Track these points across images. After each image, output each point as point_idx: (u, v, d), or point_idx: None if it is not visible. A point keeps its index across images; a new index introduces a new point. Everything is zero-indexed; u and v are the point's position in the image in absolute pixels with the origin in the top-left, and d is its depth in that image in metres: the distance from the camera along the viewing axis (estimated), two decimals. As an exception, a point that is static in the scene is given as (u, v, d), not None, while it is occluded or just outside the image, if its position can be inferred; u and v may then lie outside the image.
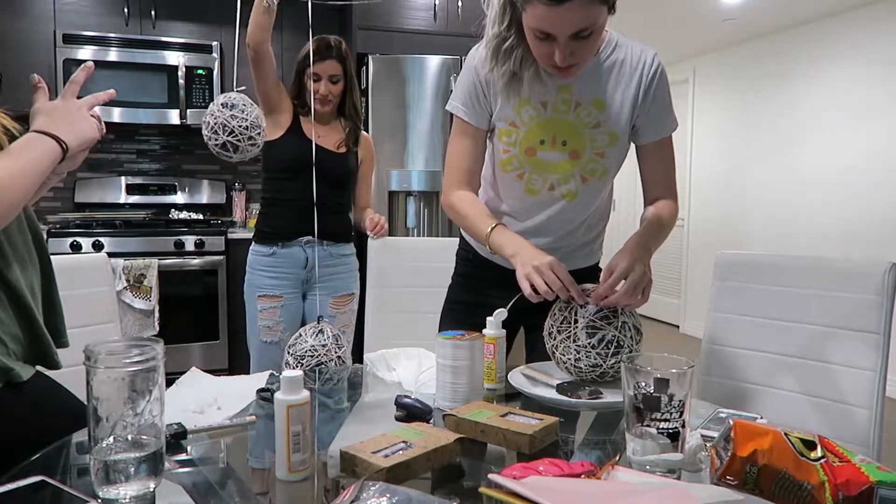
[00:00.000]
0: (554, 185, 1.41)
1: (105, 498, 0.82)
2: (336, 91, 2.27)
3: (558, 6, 1.14)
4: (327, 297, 2.36)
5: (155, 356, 0.85)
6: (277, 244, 2.29)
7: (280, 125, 2.27)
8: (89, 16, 3.51)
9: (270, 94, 2.23)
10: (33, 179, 0.98)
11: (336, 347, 1.80)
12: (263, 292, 2.29)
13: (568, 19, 1.16)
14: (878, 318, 1.38)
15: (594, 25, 1.18)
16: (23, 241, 1.12)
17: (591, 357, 1.20)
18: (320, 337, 1.81)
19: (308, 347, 1.79)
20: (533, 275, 1.22)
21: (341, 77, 2.26)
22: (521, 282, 1.24)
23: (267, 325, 2.29)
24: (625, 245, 1.31)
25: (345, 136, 2.35)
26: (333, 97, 2.27)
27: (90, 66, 1.12)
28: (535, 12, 1.17)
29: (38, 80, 1.10)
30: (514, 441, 0.99)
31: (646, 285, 1.24)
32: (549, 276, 1.22)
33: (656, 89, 1.37)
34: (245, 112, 1.73)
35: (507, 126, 1.40)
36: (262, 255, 2.31)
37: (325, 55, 2.21)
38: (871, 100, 4.14)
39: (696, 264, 5.62)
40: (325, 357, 1.81)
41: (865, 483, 0.75)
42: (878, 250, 4.07)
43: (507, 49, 1.29)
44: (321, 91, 2.23)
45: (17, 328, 1.09)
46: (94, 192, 3.79)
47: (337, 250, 2.37)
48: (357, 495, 0.70)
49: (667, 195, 1.46)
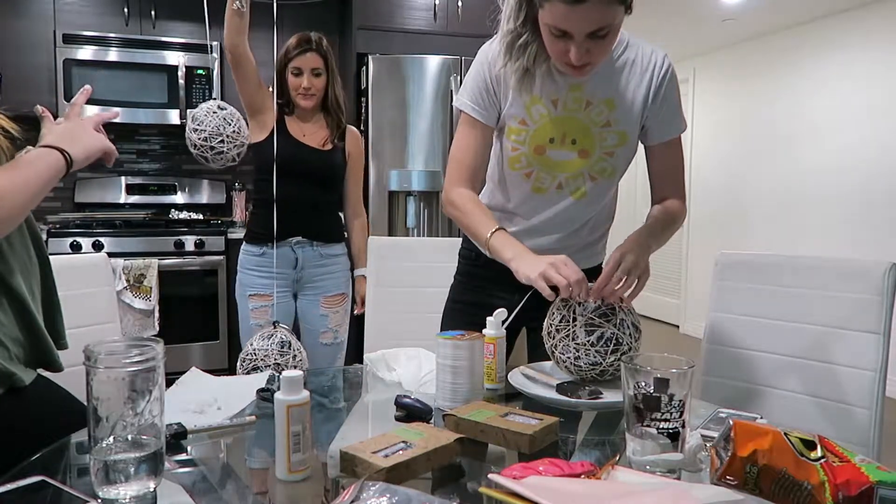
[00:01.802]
0: (562, 183, 1.41)
1: (105, 498, 0.82)
2: (319, 85, 2.26)
3: (577, 5, 1.13)
4: (318, 298, 2.36)
5: (155, 356, 0.85)
6: (267, 244, 2.29)
7: (265, 126, 2.28)
8: (89, 16, 3.50)
9: (254, 96, 2.24)
10: (34, 190, 0.99)
11: (278, 354, 1.81)
12: (254, 291, 2.29)
13: (586, 18, 1.15)
14: (878, 318, 1.38)
15: (611, 25, 1.18)
16: (22, 243, 1.12)
17: (590, 355, 1.20)
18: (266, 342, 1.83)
19: (250, 350, 1.81)
20: (549, 271, 1.21)
21: (323, 71, 2.26)
22: (537, 282, 1.22)
23: (259, 323, 2.29)
24: (625, 241, 1.31)
25: (329, 132, 2.34)
26: (317, 91, 2.26)
27: (88, 89, 1.19)
28: (553, 10, 1.17)
29: (42, 111, 1.15)
30: (514, 441, 0.99)
31: (641, 273, 1.24)
32: (565, 270, 1.21)
33: (666, 90, 1.37)
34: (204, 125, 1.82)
35: (517, 124, 1.39)
36: (253, 254, 2.31)
37: (305, 48, 2.22)
38: (872, 99, 4.15)
39: (696, 264, 5.62)
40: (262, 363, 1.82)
41: (865, 483, 0.75)
42: (878, 250, 4.07)
43: (522, 45, 1.29)
44: (303, 84, 2.23)
45: (19, 332, 1.09)
46: (94, 192, 3.79)
47: (327, 251, 2.36)
48: (357, 495, 0.70)
49: (675, 195, 1.46)
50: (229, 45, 2.10)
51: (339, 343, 2.44)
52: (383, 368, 1.41)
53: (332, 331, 2.40)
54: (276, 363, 1.82)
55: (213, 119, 1.85)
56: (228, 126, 1.84)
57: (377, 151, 3.50)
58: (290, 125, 2.30)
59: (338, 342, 2.43)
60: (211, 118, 1.85)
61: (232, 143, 1.85)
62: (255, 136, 2.28)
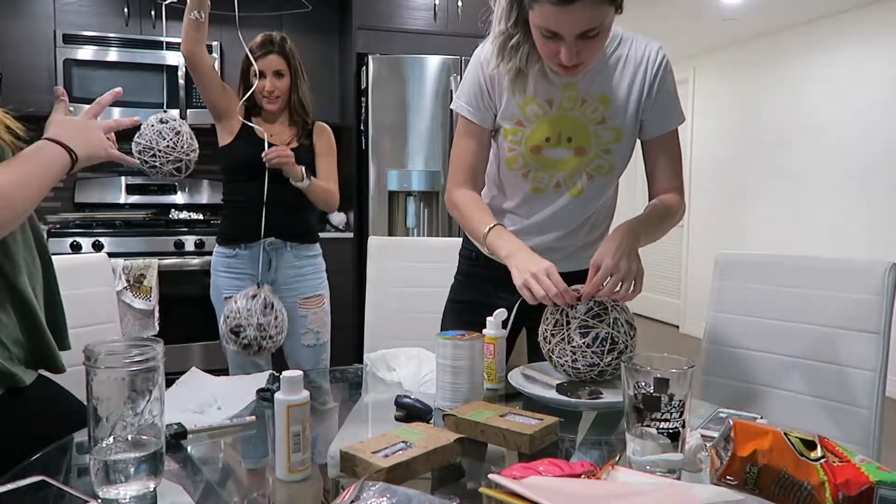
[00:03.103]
0: (560, 182, 1.41)
1: (105, 498, 0.82)
2: (283, 86, 2.25)
3: (566, 6, 1.13)
4: (295, 300, 2.32)
5: (155, 356, 0.85)
6: (240, 245, 2.28)
7: (231, 130, 2.27)
8: (89, 16, 3.50)
9: (216, 101, 2.24)
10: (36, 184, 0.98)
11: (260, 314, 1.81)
12: (229, 294, 2.24)
13: (575, 19, 1.16)
14: (878, 318, 1.38)
15: (601, 25, 1.18)
16: (25, 243, 1.12)
17: (587, 356, 1.20)
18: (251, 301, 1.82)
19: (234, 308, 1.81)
20: (530, 281, 1.22)
21: (286, 72, 2.25)
22: (522, 291, 1.24)
23: None
24: (613, 233, 1.29)
25: (294, 130, 2.33)
26: (280, 93, 2.25)
27: (119, 91, 1.18)
28: (542, 11, 1.17)
29: (61, 94, 1.12)
30: (514, 441, 0.99)
31: (636, 276, 1.23)
32: (546, 282, 1.21)
33: (662, 82, 1.36)
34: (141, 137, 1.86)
35: (513, 125, 1.40)
36: (225, 256, 2.30)
37: (267, 50, 2.21)
38: (872, 99, 4.14)
39: (696, 264, 5.62)
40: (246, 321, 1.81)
41: (865, 483, 0.75)
42: (878, 250, 4.07)
43: (514, 46, 1.29)
44: (266, 87, 2.22)
45: (20, 333, 1.09)
46: (94, 192, 3.78)
47: (301, 251, 2.34)
48: (357, 495, 0.70)
49: (673, 189, 1.44)
50: (186, 52, 2.11)
51: (323, 344, 2.40)
52: (383, 368, 1.41)
53: (312, 332, 2.36)
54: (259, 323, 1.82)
55: (149, 132, 1.87)
56: (162, 140, 1.85)
57: (377, 151, 3.50)
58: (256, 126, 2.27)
59: (321, 343, 2.39)
60: (148, 131, 1.87)
61: (165, 158, 1.85)
62: (222, 139, 2.28)
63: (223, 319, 1.91)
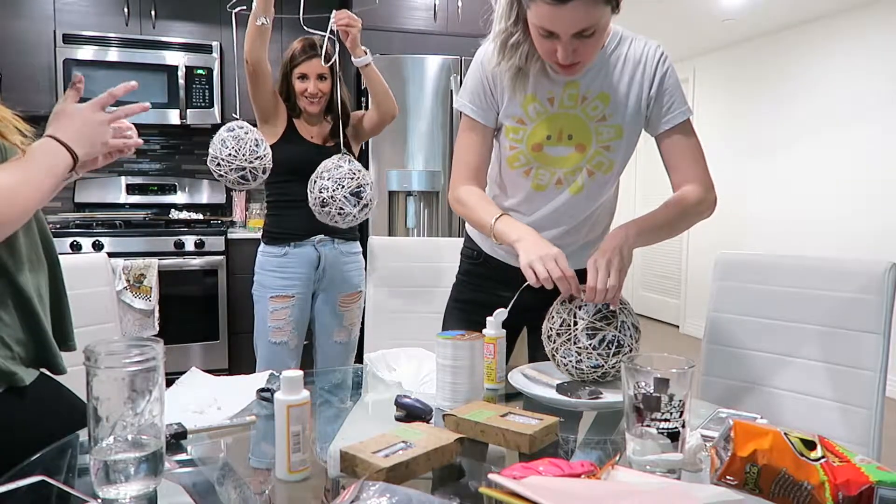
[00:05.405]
0: (561, 179, 1.42)
1: (105, 498, 0.82)
2: (325, 89, 2.29)
3: (561, 5, 1.14)
4: (336, 296, 2.38)
5: (155, 356, 0.85)
6: (290, 244, 2.31)
7: (276, 131, 2.31)
8: (89, 16, 3.50)
9: (267, 105, 2.27)
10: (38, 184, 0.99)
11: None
12: (276, 293, 2.30)
13: (571, 18, 1.16)
14: (878, 318, 1.38)
15: (597, 25, 1.19)
16: (29, 242, 1.12)
17: (592, 358, 1.20)
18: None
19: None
20: (536, 263, 1.22)
21: (328, 75, 2.29)
22: (525, 271, 1.24)
23: (278, 325, 2.31)
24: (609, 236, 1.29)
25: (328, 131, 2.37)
26: (323, 95, 2.29)
27: (134, 85, 1.14)
28: (538, 10, 1.18)
29: (78, 80, 1.10)
30: (514, 441, 0.99)
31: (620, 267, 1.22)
32: (551, 265, 1.21)
33: (663, 78, 1.37)
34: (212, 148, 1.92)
35: (514, 123, 1.40)
36: (274, 255, 2.32)
37: (311, 54, 2.25)
38: (872, 99, 4.14)
39: (696, 264, 5.61)
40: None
41: (865, 483, 0.75)
42: (878, 250, 4.07)
43: (514, 44, 1.30)
44: (310, 90, 2.26)
45: (22, 332, 1.09)
46: (94, 192, 3.79)
47: (346, 248, 2.40)
48: (357, 495, 0.70)
49: (693, 181, 1.41)
50: (252, 60, 2.12)
51: (353, 341, 2.47)
52: (383, 368, 1.41)
53: (346, 329, 2.43)
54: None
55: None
56: (224, 149, 1.91)
57: (377, 151, 3.50)
58: (300, 127, 2.33)
59: (352, 340, 2.46)
60: (216, 139, 1.94)
61: (228, 167, 1.90)
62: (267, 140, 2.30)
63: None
